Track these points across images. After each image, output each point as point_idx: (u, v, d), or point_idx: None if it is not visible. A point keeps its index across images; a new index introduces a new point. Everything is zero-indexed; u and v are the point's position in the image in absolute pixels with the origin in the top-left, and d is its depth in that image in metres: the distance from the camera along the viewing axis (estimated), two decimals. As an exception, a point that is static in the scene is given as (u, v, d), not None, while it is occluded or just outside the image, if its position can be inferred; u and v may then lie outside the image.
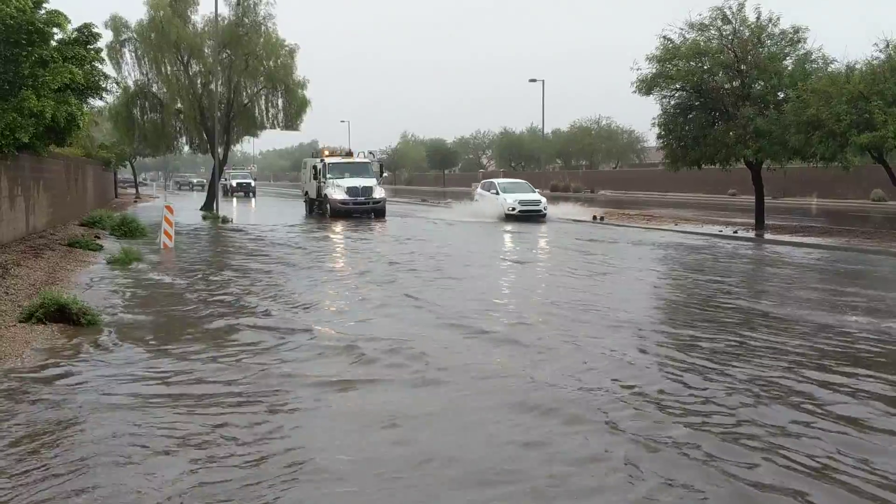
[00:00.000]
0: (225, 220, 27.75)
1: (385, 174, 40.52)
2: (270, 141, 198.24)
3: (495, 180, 32.12)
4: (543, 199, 29.93)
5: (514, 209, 28.52)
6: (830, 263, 15.57)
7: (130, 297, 11.03)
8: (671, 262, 16.42)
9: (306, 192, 34.26)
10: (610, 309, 10.14)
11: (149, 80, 32.63)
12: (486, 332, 8.69)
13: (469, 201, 33.70)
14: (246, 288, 12.07)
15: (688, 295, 11.58)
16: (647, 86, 22.71)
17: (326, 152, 33.58)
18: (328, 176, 30.53)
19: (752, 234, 21.51)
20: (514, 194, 29.60)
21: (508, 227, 25.88)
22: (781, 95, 21.56)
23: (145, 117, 33.39)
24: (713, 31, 22.21)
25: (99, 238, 18.56)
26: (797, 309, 10.04)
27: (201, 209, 34.08)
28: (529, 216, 28.36)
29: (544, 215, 28.97)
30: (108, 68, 20.28)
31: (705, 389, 6.41)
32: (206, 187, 43.23)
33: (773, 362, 7.27)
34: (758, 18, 22.01)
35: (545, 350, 7.84)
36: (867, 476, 4.66)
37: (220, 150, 33.12)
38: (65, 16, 13.72)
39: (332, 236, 22.95)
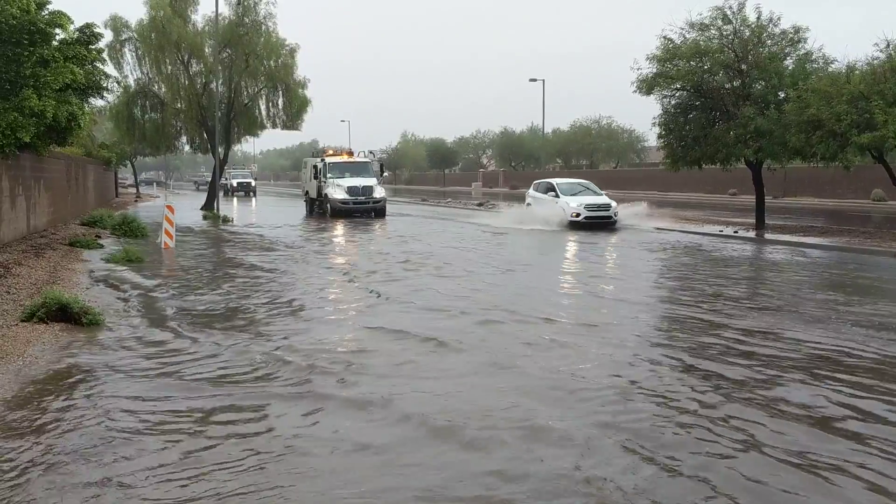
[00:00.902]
0: (225, 220, 27.79)
1: (385, 174, 40.46)
2: (271, 140, 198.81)
3: (554, 181, 27.21)
4: (614, 203, 25.02)
5: (578, 215, 23.97)
6: (830, 265, 15.60)
7: (131, 297, 11.05)
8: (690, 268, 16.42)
9: (307, 192, 34.24)
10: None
11: (149, 79, 32.77)
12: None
13: (481, 203, 31.04)
14: (246, 291, 12.07)
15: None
16: (647, 85, 22.68)
17: (330, 151, 33.59)
18: (328, 175, 30.52)
19: (752, 234, 21.53)
20: (578, 197, 25.13)
21: (574, 237, 21.53)
22: (782, 95, 21.51)
23: (146, 117, 33.49)
24: (713, 31, 22.18)
25: (100, 237, 18.60)
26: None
27: (202, 208, 34.11)
28: (597, 224, 23.96)
29: (615, 222, 24.40)
30: (108, 68, 20.38)
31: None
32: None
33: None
34: (758, 18, 21.99)
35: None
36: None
37: (220, 149, 33.15)
38: (67, 16, 13.78)
39: (333, 238, 22.96)
